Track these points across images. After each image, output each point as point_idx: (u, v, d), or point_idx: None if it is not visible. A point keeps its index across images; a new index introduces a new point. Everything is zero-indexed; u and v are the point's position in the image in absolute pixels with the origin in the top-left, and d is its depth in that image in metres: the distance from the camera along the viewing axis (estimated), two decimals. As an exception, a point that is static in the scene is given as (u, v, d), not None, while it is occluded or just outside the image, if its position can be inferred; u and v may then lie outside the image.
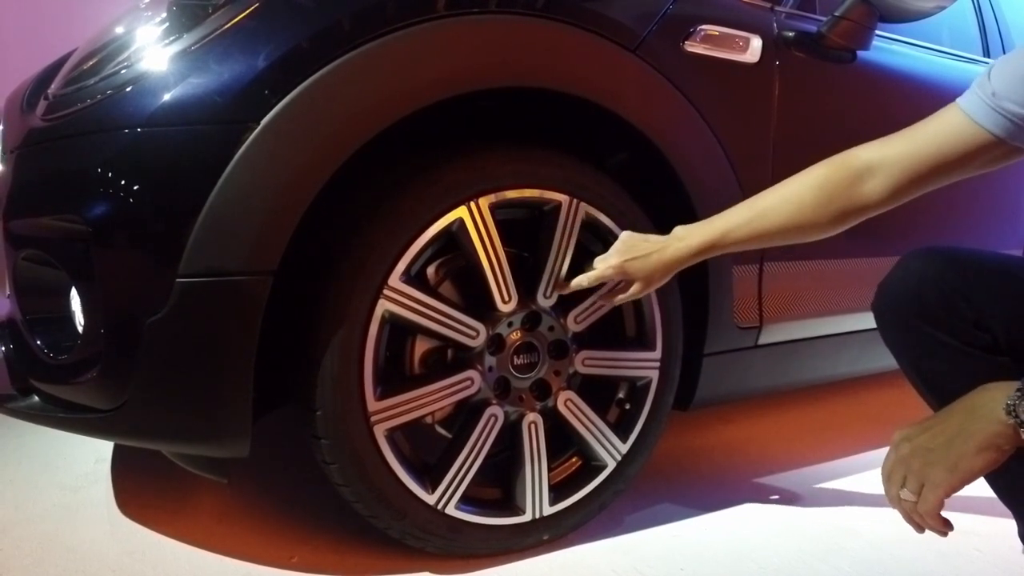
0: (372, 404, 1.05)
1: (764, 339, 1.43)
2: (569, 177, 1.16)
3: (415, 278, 1.10)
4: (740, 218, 0.99)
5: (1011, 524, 0.92)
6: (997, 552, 1.25)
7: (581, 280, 1.12)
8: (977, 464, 0.72)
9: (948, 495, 0.74)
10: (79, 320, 1.03)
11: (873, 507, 1.44)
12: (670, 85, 1.21)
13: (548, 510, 1.21)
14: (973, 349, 0.85)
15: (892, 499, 0.79)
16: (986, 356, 0.85)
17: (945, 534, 0.76)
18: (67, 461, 1.55)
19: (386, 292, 1.04)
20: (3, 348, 1.18)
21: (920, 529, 0.78)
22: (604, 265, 1.08)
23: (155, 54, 0.98)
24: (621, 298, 1.11)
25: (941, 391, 0.86)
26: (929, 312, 0.87)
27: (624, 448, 1.27)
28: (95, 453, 1.59)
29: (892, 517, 1.37)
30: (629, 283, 1.08)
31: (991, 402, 0.72)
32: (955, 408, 0.76)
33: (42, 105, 1.10)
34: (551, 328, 1.19)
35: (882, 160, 0.89)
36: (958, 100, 0.86)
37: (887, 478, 0.79)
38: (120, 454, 1.58)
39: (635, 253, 1.06)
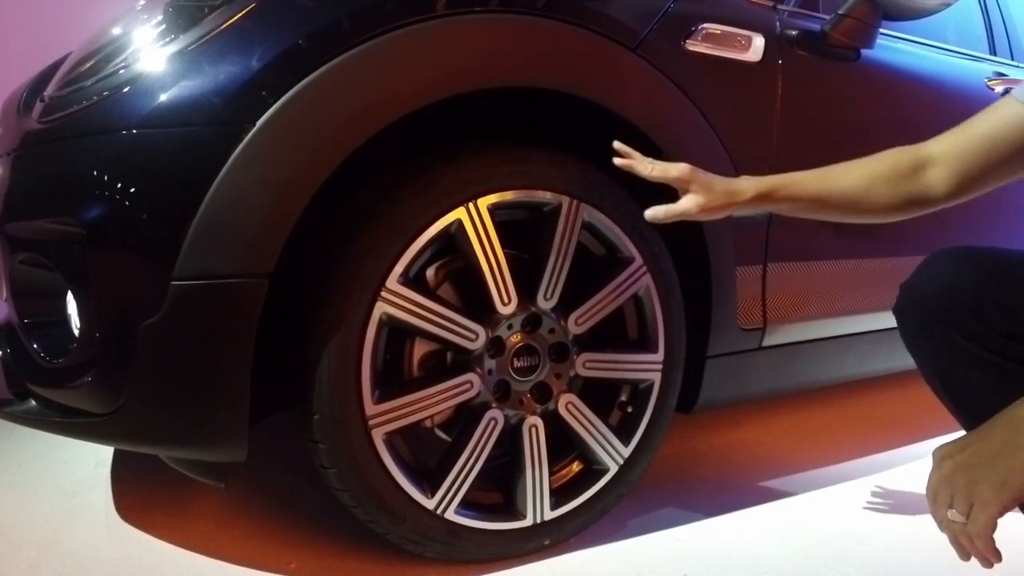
0: (370, 408, 1.04)
1: (768, 341, 1.42)
2: (569, 178, 1.15)
3: (414, 280, 1.09)
4: (812, 173, 0.99)
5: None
6: (1009, 559, 1.23)
7: (646, 167, 1.01)
8: None
9: (1001, 514, 0.68)
10: (75, 323, 1.02)
11: (881, 511, 1.42)
12: (671, 84, 1.20)
13: (549, 515, 1.20)
14: (1005, 361, 0.80)
15: (940, 521, 0.72)
16: (1019, 369, 0.79)
17: (991, 565, 0.70)
18: (66, 465, 1.55)
19: (384, 295, 1.03)
20: (0, 352, 1.17)
21: (966, 556, 0.72)
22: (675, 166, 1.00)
23: (151, 55, 0.98)
24: (672, 208, 0.99)
25: (969, 405, 0.81)
26: (957, 319, 0.81)
27: (626, 451, 1.26)
28: (94, 457, 1.58)
29: (900, 521, 1.37)
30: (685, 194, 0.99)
31: None
32: (996, 422, 0.69)
33: (38, 107, 1.10)
34: (552, 330, 1.18)
35: (941, 151, 0.90)
36: (1013, 92, 0.86)
37: (933, 499, 0.72)
38: (119, 458, 1.57)
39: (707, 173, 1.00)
